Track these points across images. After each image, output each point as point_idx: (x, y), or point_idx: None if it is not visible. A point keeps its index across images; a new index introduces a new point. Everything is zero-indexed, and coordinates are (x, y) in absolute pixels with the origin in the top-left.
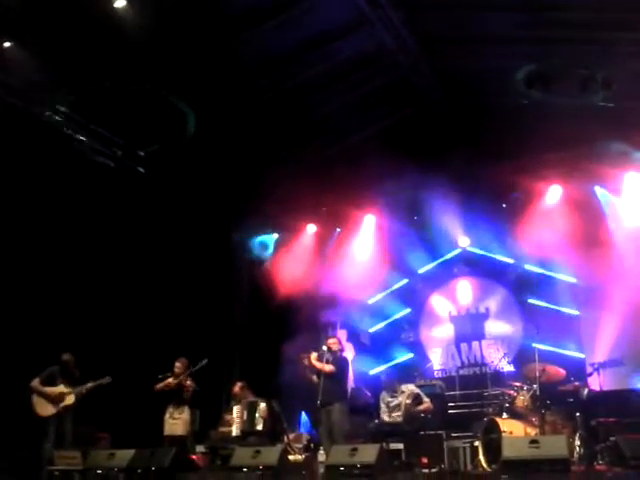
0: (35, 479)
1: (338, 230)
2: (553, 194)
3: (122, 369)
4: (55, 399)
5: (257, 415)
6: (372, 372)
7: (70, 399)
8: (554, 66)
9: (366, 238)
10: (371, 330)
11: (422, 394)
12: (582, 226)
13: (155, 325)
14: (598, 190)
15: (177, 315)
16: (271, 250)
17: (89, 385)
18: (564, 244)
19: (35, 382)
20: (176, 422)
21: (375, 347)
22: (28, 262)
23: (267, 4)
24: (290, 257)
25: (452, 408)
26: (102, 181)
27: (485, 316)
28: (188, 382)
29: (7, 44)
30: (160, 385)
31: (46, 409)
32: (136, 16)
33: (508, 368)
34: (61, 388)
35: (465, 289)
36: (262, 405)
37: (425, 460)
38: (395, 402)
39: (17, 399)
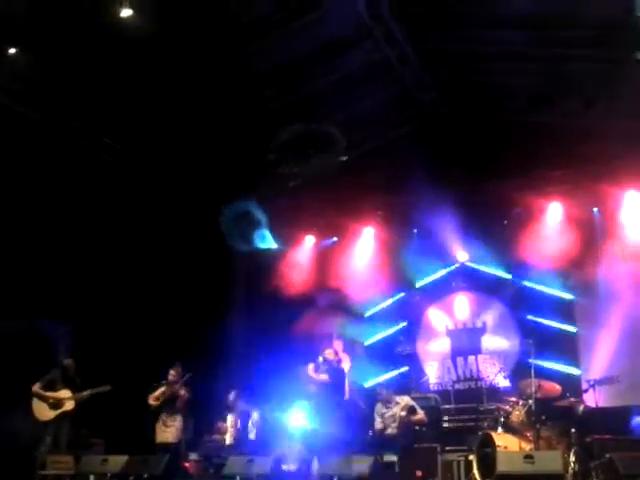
0: None
1: (335, 239)
2: (553, 211)
3: (116, 376)
4: (55, 404)
5: (250, 424)
6: (367, 384)
7: (70, 405)
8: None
9: (365, 250)
10: (367, 342)
11: (417, 406)
12: (581, 243)
13: (150, 332)
14: (598, 208)
15: (173, 322)
16: (269, 243)
17: (89, 392)
18: (563, 261)
19: (36, 386)
20: (168, 430)
21: (371, 359)
22: (27, 266)
23: (272, 17)
24: (288, 268)
25: (447, 422)
26: (103, 183)
27: (482, 331)
28: (182, 392)
29: (12, 50)
30: (153, 397)
31: (45, 414)
32: (141, 25)
33: (504, 383)
34: (61, 394)
35: (462, 303)
36: (256, 414)
37: (419, 473)
38: (389, 413)
39: (13, 402)
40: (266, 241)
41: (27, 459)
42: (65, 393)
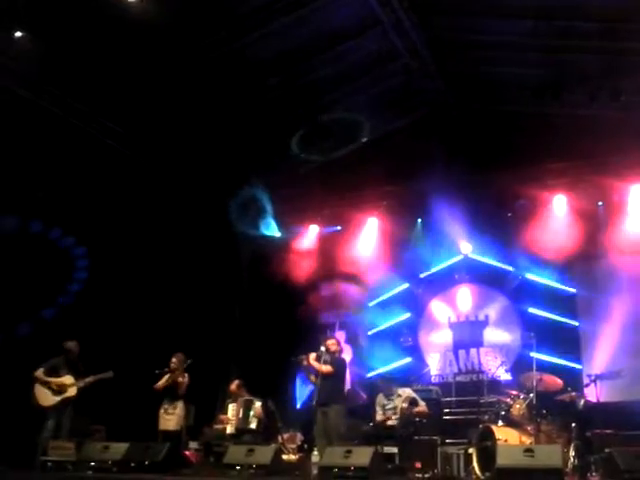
0: (29, 469)
1: (338, 228)
2: (558, 204)
3: (119, 363)
4: (57, 390)
5: (252, 414)
6: (369, 375)
7: (72, 391)
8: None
9: (368, 240)
10: (370, 333)
11: (418, 398)
12: (585, 236)
13: (153, 320)
14: (603, 201)
15: (175, 311)
16: (273, 231)
17: (92, 378)
18: (566, 254)
19: (39, 372)
20: (170, 418)
21: (373, 350)
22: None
23: (278, 2)
24: (292, 257)
25: (448, 414)
26: (108, 173)
27: (484, 323)
28: (180, 379)
29: (18, 34)
30: (158, 385)
31: (47, 400)
32: (146, 8)
33: (505, 376)
34: (64, 379)
35: (465, 296)
36: (257, 404)
37: (419, 465)
38: (391, 405)
39: (17, 388)
40: (271, 229)
41: (29, 445)
42: (68, 379)
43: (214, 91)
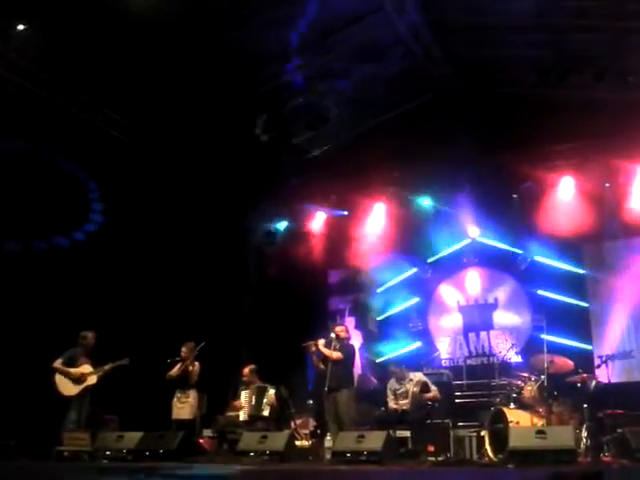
0: (46, 459)
1: (345, 213)
2: (565, 185)
3: (131, 352)
4: (78, 379)
5: (265, 401)
6: (379, 360)
7: (92, 379)
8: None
9: (376, 226)
10: (379, 318)
11: (430, 382)
12: (593, 218)
13: (164, 309)
14: (610, 182)
15: (187, 299)
16: (279, 236)
17: (110, 365)
18: (574, 235)
19: (57, 363)
20: (183, 406)
21: (383, 335)
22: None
23: None
24: (300, 244)
25: (459, 397)
26: (118, 166)
27: (494, 306)
28: (190, 368)
29: (21, 26)
30: (171, 373)
31: (70, 389)
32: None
33: (516, 359)
34: (83, 369)
35: (474, 279)
36: (271, 391)
37: (431, 448)
38: (402, 390)
39: (35, 379)
40: (277, 233)
41: (50, 436)
42: (86, 368)
43: (213, 82)
